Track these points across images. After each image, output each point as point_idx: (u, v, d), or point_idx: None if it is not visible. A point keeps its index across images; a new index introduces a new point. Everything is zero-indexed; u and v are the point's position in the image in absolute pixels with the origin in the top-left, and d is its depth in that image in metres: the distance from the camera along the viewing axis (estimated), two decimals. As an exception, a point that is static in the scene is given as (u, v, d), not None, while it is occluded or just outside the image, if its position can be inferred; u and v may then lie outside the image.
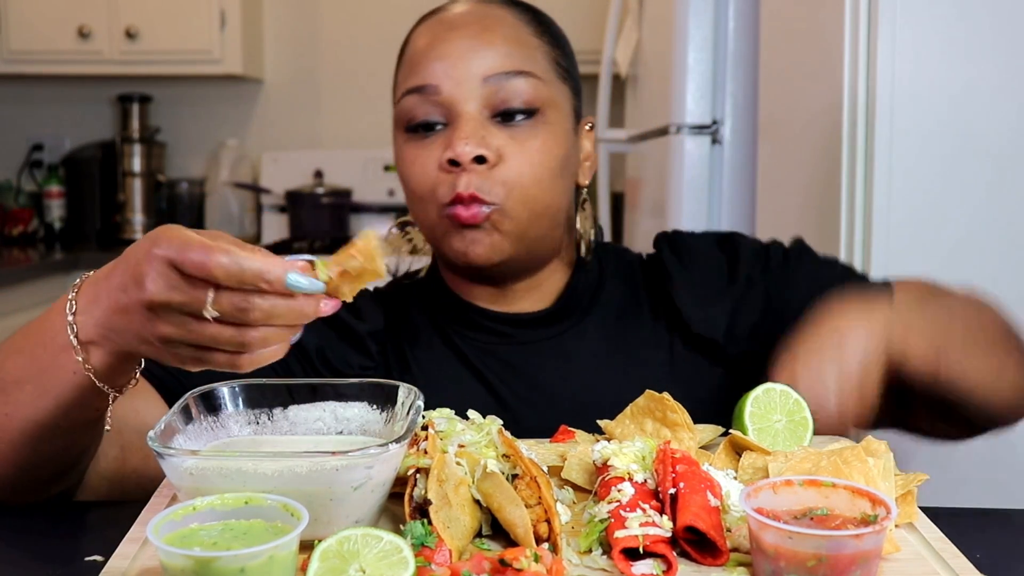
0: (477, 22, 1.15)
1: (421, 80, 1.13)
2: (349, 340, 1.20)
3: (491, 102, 1.12)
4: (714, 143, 2.59)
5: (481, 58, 1.12)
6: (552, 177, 1.14)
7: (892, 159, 1.71)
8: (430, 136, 1.14)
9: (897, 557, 0.81)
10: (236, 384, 0.94)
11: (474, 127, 1.11)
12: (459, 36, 1.13)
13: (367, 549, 0.72)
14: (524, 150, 1.12)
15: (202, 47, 3.72)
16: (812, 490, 0.78)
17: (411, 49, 1.18)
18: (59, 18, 3.69)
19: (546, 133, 1.14)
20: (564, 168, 1.17)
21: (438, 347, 1.21)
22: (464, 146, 1.09)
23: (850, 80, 1.74)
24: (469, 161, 1.10)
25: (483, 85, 1.12)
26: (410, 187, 1.16)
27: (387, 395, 0.94)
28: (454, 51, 1.13)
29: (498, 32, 1.14)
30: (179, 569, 0.69)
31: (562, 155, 1.16)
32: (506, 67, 1.12)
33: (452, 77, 1.12)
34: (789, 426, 1.02)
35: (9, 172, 4.04)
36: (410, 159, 1.15)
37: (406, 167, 1.15)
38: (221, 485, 0.77)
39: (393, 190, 3.89)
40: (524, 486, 0.82)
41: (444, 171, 1.11)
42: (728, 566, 0.79)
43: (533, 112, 1.13)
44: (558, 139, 1.15)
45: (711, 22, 2.55)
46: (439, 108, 1.13)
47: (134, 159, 3.91)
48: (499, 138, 1.12)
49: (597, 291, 1.24)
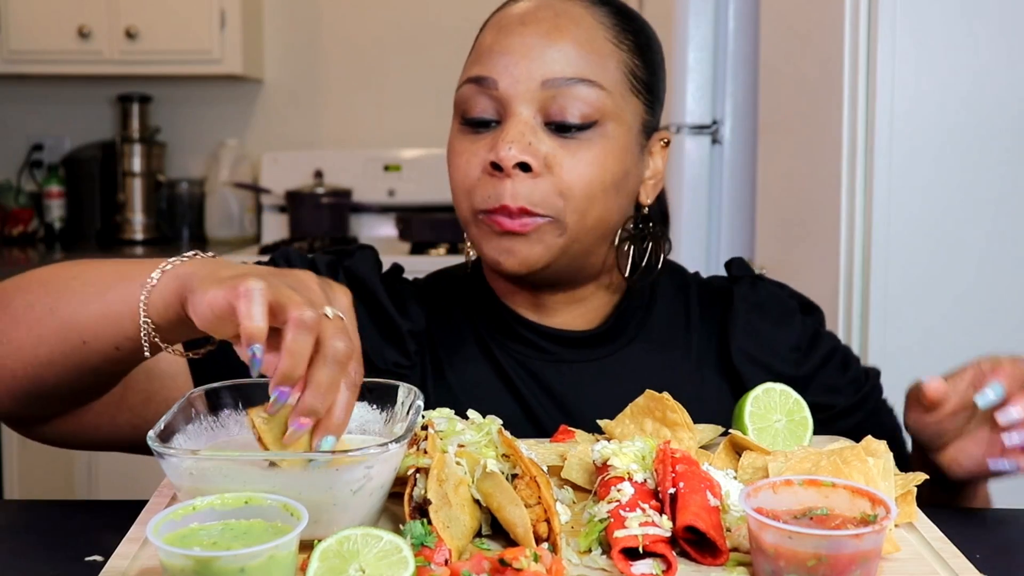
0: (549, 20, 1.08)
1: (482, 71, 1.08)
2: (389, 336, 1.15)
3: (547, 108, 1.06)
4: (714, 143, 2.59)
5: (544, 59, 1.06)
6: (605, 193, 1.07)
7: (892, 159, 1.71)
8: (481, 133, 1.08)
9: (897, 557, 0.81)
10: (236, 384, 0.94)
11: (522, 131, 1.05)
12: (527, 32, 1.07)
13: (367, 549, 0.72)
14: (576, 161, 1.05)
15: (202, 47, 3.71)
16: (812, 490, 0.78)
17: (481, 37, 1.13)
18: (59, 18, 3.69)
19: (602, 146, 1.07)
20: (620, 185, 1.09)
21: (475, 356, 1.16)
22: (508, 150, 1.04)
23: (850, 80, 1.74)
24: (512, 167, 1.04)
25: (541, 88, 1.06)
26: (453, 181, 1.11)
27: (387, 395, 0.94)
28: (518, 47, 1.07)
29: (568, 33, 1.07)
30: (179, 569, 0.69)
31: (619, 171, 1.08)
32: (568, 72, 1.06)
33: (511, 74, 1.06)
34: (789, 426, 1.02)
35: (9, 172, 4.04)
36: (458, 151, 1.10)
37: (453, 158, 1.10)
38: (221, 485, 0.77)
39: (393, 190, 3.89)
40: (524, 486, 0.82)
41: (487, 173, 1.06)
42: (728, 566, 0.79)
43: (590, 125, 1.06)
44: (615, 154, 1.08)
45: (711, 22, 2.55)
46: (494, 103, 1.07)
47: (134, 159, 3.91)
48: (548, 145, 1.05)
49: (646, 317, 1.18)
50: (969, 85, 1.69)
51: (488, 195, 1.06)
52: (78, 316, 0.93)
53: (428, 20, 4.00)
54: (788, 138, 2.12)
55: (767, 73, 2.28)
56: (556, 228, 1.06)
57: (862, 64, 1.72)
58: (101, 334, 0.92)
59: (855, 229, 1.76)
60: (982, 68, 1.69)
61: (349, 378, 0.82)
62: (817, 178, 1.90)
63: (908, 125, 1.70)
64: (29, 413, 1.03)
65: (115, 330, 0.91)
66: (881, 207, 1.72)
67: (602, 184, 1.07)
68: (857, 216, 1.76)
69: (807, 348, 1.19)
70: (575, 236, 1.07)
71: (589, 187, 1.06)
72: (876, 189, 1.71)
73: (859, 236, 1.76)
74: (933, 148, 1.70)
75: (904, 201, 1.71)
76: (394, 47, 4.05)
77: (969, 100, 1.69)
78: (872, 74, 1.70)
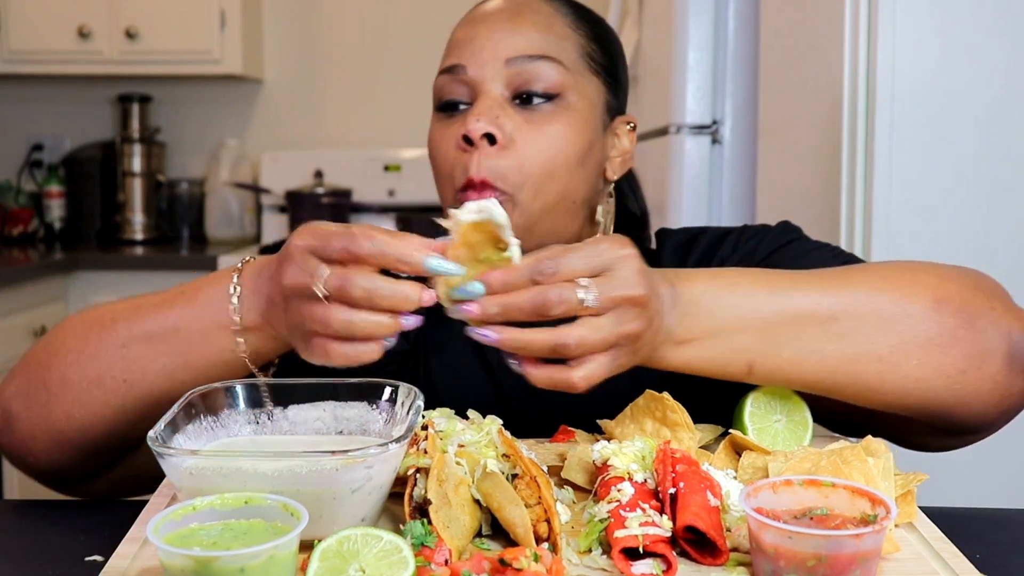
0: (511, 8, 1.16)
1: (451, 60, 1.15)
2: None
3: (513, 83, 1.12)
4: (714, 143, 2.59)
5: (507, 41, 1.13)
6: (568, 165, 1.12)
7: (892, 159, 1.71)
8: (454, 116, 1.14)
9: (897, 557, 0.81)
10: (236, 384, 0.94)
11: (489, 105, 1.11)
12: (491, 20, 1.15)
13: (367, 549, 0.72)
14: (540, 134, 1.11)
15: (202, 47, 3.71)
16: (812, 490, 0.78)
17: (451, 36, 1.19)
18: (59, 18, 3.69)
19: (566, 120, 1.13)
20: (584, 158, 1.14)
21: (457, 338, 1.18)
22: (475, 122, 1.09)
23: (850, 80, 1.74)
24: (480, 138, 1.09)
25: (506, 67, 1.12)
26: (435, 168, 1.16)
27: (387, 395, 0.94)
28: (483, 33, 1.14)
29: (527, 18, 1.15)
30: (179, 569, 0.69)
31: (582, 144, 1.14)
32: (529, 51, 1.12)
33: (478, 58, 1.13)
34: (789, 426, 1.02)
35: (9, 172, 4.04)
36: (436, 137, 1.15)
37: (432, 145, 1.16)
38: (221, 485, 0.77)
39: (393, 190, 3.89)
40: (524, 486, 0.82)
41: (460, 150, 1.11)
42: (728, 566, 0.79)
43: (553, 97, 1.13)
44: (578, 128, 1.14)
45: (711, 22, 2.55)
46: (465, 88, 1.13)
47: (134, 159, 3.91)
48: (514, 120, 1.11)
49: None
50: (970, 84, 1.69)
51: (459, 172, 1.11)
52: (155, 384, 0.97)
53: (428, 20, 4.00)
54: (788, 138, 2.11)
55: (767, 73, 2.28)
56: (511, 205, 1.09)
57: (862, 64, 1.72)
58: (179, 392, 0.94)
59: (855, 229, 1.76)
60: (983, 68, 1.69)
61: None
62: (817, 178, 1.90)
63: (908, 125, 1.70)
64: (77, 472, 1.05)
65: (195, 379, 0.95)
66: (881, 207, 1.71)
67: (564, 157, 1.12)
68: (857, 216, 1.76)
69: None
70: (532, 213, 1.11)
71: (551, 161, 1.11)
72: (876, 189, 1.71)
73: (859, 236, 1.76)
74: (933, 148, 1.70)
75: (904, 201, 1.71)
76: (394, 47, 4.05)
77: (970, 100, 1.69)
78: (872, 74, 1.70)
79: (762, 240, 1.20)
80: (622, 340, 0.87)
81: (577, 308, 0.85)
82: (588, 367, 0.86)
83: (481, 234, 0.88)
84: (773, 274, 0.99)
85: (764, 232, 1.22)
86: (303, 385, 0.95)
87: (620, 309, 0.86)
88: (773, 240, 1.20)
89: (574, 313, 0.85)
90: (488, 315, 0.86)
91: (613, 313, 0.86)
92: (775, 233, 1.22)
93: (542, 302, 0.84)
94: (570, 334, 0.85)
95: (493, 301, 0.86)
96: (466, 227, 0.87)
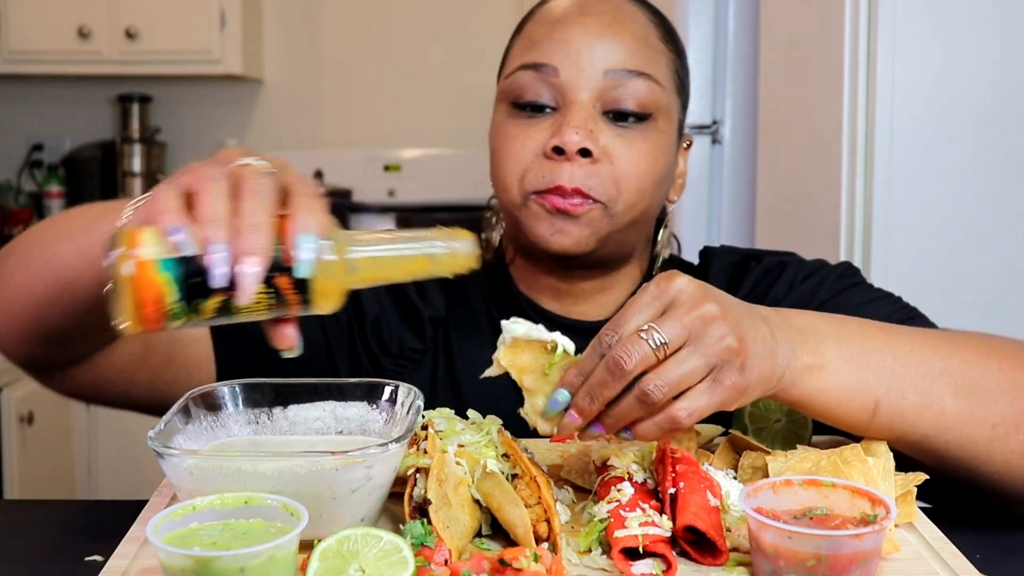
0: (609, 13, 1.11)
1: (540, 58, 1.10)
2: (409, 320, 1.18)
3: (606, 97, 1.08)
4: (714, 143, 2.59)
5: (607, 50, 1.09)
6: (654, 186, 1.11)
7: (892, 159, 1.71)
8: (536, 118, 1.10)
9: (897, 557, 0.81)
10: (236, 384, 0.94)
11: (584, 118, 1.07)
12: (589, 23, 1.10)
13: (367, 549, 0.72)
14: (631, 152, 1.08)
15: (202, 47, 3.71)
16: (812, 490, 0.78)
17: (535, 24, 1.14)
18: (59, 18, 3.69)
19: (655, 140, 1.10)
20: (663, 181, 1.13)
21: (487, 343, 1.17)
22: (573, 135, 1.06)
23: (850, 80, 1.74)
24: (574, 152, 1.06)
25: (603, 78, 1.08)
26: (501, 164, 1.11)
27: (387, 395, 0.94)
28: (580, 36, 1.09)
29: (627, 28, 1.11)
30: (179, 569, 0.69)
31: (665, 166, 1.12)
32: (629, 64, 1.09)
33: (574, 62, 1.08)
34: (789, 426, 1.02)
35: (9, 172, 4.04)
36: (511, 135, 1.11)
37: (504, 142, 1.11)
38: (221, 485, 0.77)
39: (393, 190, 3.89)
40: (524, 486, 0.82)
41: (546, 158, 1.08)
42: (728, 566, 0.79)
43: (646, 117, 1.10)
44: (664, 149, 1.12)
45: (711, 22, 2.55)
46: (552, 90, 1.09)
47: (134, 159, 3.91)
48: (607, 135, 1.08)
49: None
50: (970, 84, 1.69)
51: (543, 176, 1.08)
52: (63, 255, 0.93)
53: (428, 21, 4.00)
54: (788, 138, 2.11)
55: (767, 73, 2.28)
56: (605, 214, 1.08)
57: (862, 64, 1.72)
58: (84, 272, 0.90)
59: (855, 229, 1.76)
60: (982, 67, 1.69)
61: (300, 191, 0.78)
62: (817, 178, 1.90)
63: (908, 125, 1.70)
64: (44, 357, 1.03)
65: (96, 269, 0.86)
66: (881, 207, 1.72)
67: (653, 177, 1.10)
68: (857, 216, 1.76)
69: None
70: (620, 224, 1.10)
71: (642, 179, 1.09)
72: (876, 189, 1.71)
73: (859, 236, 1.76)
74: (933, 148, 1.70)
75: (904, 201, 1.71)
76: (394, 47, 4.05)
77: (970, 100, 1.69)
78: (872, 74, 1.70)
79: (822, 282, 1.16)
80: (715, 359, 0.81)
81: (651, 355, 0.80)
82: (688, 400, 0.81)
83: (526, 353, 0.85)
84: (872, 322, 0.95)
85: (824, 272, 1.18)
86: (303, 385, 0.95)
87: (696, 333, 0.81)
88: (835, 284, 1.15)
89: (654, 359, 0.80)
90: (587, 411, 0.82)
91: (692, 340, 0.81)
92: (836, 275, 1.17)
93: (614, 367, 0.79)
94: (647, 380, 0.79)
95: (582, 395, 0.82)
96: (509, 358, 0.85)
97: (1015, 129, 1.69)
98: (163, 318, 0.74)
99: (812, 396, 0.89)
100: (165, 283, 0.73)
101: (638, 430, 0.82)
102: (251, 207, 0.75)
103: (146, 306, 0.74)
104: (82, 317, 0.96)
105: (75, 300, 0.94)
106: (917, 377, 0.90)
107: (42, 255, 0.95)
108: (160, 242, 0.74)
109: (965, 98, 1.69)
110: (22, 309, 0.97)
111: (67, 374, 1.06)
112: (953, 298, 1.74)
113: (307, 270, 0.76)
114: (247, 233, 0.74)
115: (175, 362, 1.09)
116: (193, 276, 0.74)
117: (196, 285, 0.74)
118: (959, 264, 1.73)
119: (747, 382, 0.83)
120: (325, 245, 0.77)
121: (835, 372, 0.88)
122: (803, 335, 0.88)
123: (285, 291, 0.76)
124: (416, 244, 0.81)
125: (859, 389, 0.89)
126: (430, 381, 1.17)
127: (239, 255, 0.73)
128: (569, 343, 0.84)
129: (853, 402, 0.89)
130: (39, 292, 0.95)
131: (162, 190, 0.79)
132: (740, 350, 0.82)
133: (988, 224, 1.71)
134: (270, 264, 0.75)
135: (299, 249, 0.75)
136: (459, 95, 4.04)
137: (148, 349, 1.07)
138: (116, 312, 0.74)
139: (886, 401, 0.89)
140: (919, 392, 0.90)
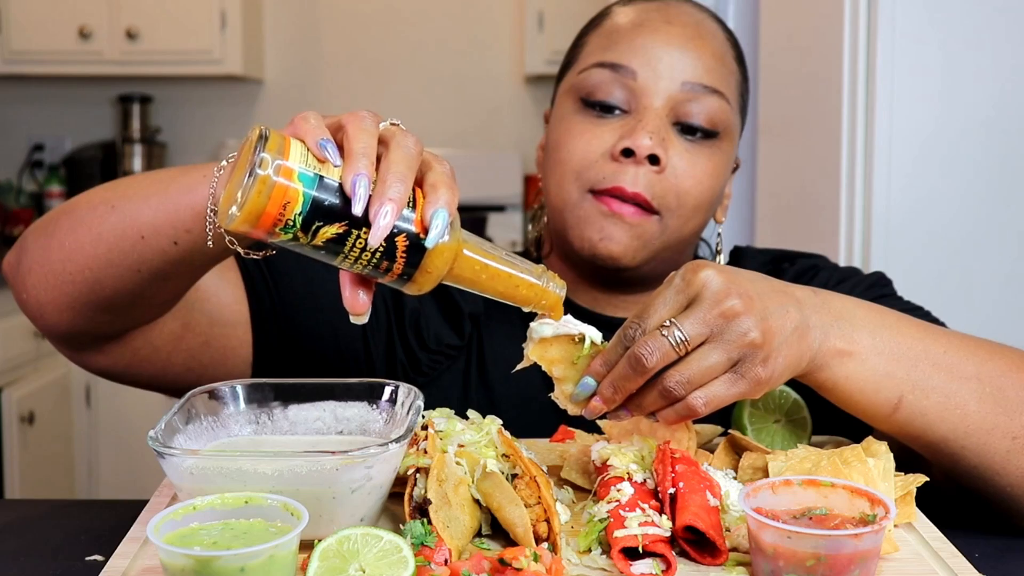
0: (692, 26, 1.11)
1: (619, 59, 1.10)
2: (449, 316, 1.17)
3: (679, 109, 1.09)
4: (714, 143, 2.59)
5: (686, 62, 1.09)
6: (709, 204, 1.11)
7: (891, 159, 1.71)
8: (605, 118, 1.10)
9: (896, 557, 0.81)
10: (236, 383, 0.94)
11: (658, 126, 1.07)
12: (673, 32, 1.10)
13: (367, 548, 0.73)
14: (696, 168, 1.09)
15: (202, 47, 3.72)
16: (811, 490, 0.78)
17: (615, 23, 1.13)
18: (59, 18, 3.69)
19: (718, 159, 1.11)
20: (716, 201, 1.14)
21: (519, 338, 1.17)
22: (646, 139, 1.06)
23: (850, 80, 1.74)
24: (643, 157, 1.06)
25: (679, 89, 1.09)
26: (562, 159, 1.11)
27: (387, 395, 0.94)
28: (663, 44, 1.09)
29: (708, 43, 1.11)
30: (179, 568, 0.69)
31: (721, 186, 1.13)
32: (706, 80, 1.09)
33: (653, 69, 1.09)
34: (788, 426, 1.02)
35: (10, 172, 4.04)
36: (576, 132, 1.10)
37: (568, 138, 1.11)
38: (221, 485, 0.78)
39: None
40: (524, 486, 0.82)
41: (612, 159, 1.08)
42: (727, 566, 0.79)
43: (714, 135, 1.10)
44: (724, 168, 1.12)
45: (711, 22, 2.55)
46: (626, 93, 1.09)
47: (135, 159, 3.91)
48: (677, 147, 1.08)
49: None
50: (969, 84, 1.69)
51: (606, 175, 1.08)
52: (137, 209, 0.90)
53: (429, 21, 4.00)
54: (788, 138, 2.12)
55: (767, 73, 2.28)
56: (659, 227, 1.08)
57: (862, 64, 1.72)
58: (160, 226, 0.89)
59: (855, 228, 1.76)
60: (981, 67, 1.69)
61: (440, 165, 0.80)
62: (817, 178, 1.90)
63: (908, 124, 1.70)
64: (87, 327, 0.99)
65: (174, 220, 0.88)
66: (880, 206, 1.72)
67: (711, 195, 1.11)
68: (857, 216, 1.76)
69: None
70: (672, 239, 1.10)
71: (701, 196, 1.09)
72: (875, 189, 1.71)
73: (859, 235, 1.76)
74: (933, 147, 1.71)
75: (903, 200, 1.71)
76: (394, 47, 4.05)
77: (969, 99, 1.69)
78: (872, 74, 1.70)
79: (854, 290, 1.15)
80: (736, 354, 0.82)
81: (671, 352, 0.81)
82: (706, 389, 0.83)
83: (554, 347, 0.87)
84: (911, 318, 0.94)
85: (856, 280, 1.18)
86: (304, 385, 0.96)
87: (718, 329, 0.82)
88: (866, 292, 1.16)
89: (675, 356, 0.82)
90: (611, 400, 0.85)
91: (714, 337, 0.82)
92: (868, 283, 1.18)
93: (636, 363, 0.82)
94: (669, 376, 0.82)
95: (606, 385, 0.84)
96: (538, 352, 0.87)
97: (1015, 129, 1.69)
98: (275, 226, 0.73)
99: (838, 382, 0.89)
100: (296, 193, 0.73)
101: (659, 415, 0.85)
102: (399, 158, 0.76)
103: (268, 208, 0.72)
104: (141, 280, 0.93)
105: (140, 260, 0.91)
106: (945, 378, 0.91)
107: (109, 216, 0.92)
108: (305, 156, 0.74)
109: (964, 98, 1.69)
110: (77, 272, 0.94)
111: (103, 350, 1.03)
112: (953, 299, 1.74)
113: (433, 241, 0.76)
114: (393, 180, 0.74)
115: (212, 344, 1.08)
116: (325, 199, 0.74)
117: (324, 208, 0.74)
118: (959, 264, 1.73)
119: (770, 373, 0.84)
120: (455, 225, 0.78)
121: (864, 361, 0.89)
122: (839, 320, 0.89)
123: (399, 253, 0.76)
124: (522, 268, 0.82)
125: (886, 382, 0.89)
126: (462, 378, 1.17)
127: (381, 198, 0.74)
128: (596, 333, 0.86)
129: (878, 394, 0.90)
130: (102, 252, 0.92)
131: (311, 115, 0.78)
132: (764, 343, 0.83)
133: (988, 224, 1.71)
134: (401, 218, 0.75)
135: (435, 219, 0.76)
136: (459, 95, 4.05)
137: (187, 329, 1.05)
138: (234, 200, 0.73)
139: (910, 398, 0.90)
140: (945, 393, 0.90)
